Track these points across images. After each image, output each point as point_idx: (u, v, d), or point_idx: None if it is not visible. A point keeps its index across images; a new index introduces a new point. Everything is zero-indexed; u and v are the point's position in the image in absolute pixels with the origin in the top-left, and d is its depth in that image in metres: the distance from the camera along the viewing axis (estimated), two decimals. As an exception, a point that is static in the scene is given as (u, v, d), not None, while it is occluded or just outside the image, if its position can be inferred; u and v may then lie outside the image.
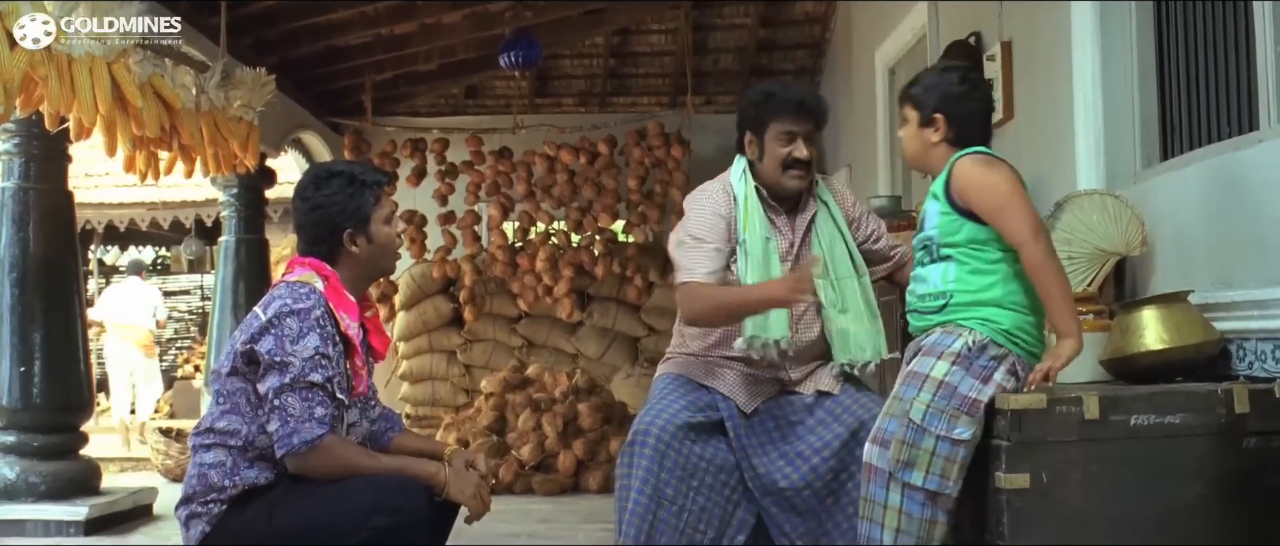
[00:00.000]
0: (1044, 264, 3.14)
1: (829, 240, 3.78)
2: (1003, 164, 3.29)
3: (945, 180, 3.32)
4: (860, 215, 3.96)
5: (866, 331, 3.73)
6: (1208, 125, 4.10)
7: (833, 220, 3.82)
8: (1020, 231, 3.16)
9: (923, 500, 3.17)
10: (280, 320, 3.05)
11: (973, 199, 3.24)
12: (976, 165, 3.26)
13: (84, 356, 6.49)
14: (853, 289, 3.76)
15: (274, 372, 3.03)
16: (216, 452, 3.12)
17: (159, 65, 5.86)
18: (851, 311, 3.74)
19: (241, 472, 3.11)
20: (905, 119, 3.50)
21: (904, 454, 3.17)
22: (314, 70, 9.76)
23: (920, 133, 3.44)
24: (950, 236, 3.30)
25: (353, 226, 3.24)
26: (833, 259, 3.75)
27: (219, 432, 3.13)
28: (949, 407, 3.18)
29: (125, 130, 5.55)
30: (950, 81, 3.42)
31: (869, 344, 3.72)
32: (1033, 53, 5.12)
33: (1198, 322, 3.58)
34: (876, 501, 3.21)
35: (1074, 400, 3.13)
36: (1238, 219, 3.65)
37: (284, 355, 3.02)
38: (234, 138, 6.55)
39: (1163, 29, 4.41)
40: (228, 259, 9.04)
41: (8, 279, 6.21)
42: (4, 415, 6.18)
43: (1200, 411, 3.15)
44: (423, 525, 3.09)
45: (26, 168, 6.27)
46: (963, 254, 3.29)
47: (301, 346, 3.03)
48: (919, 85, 3.48)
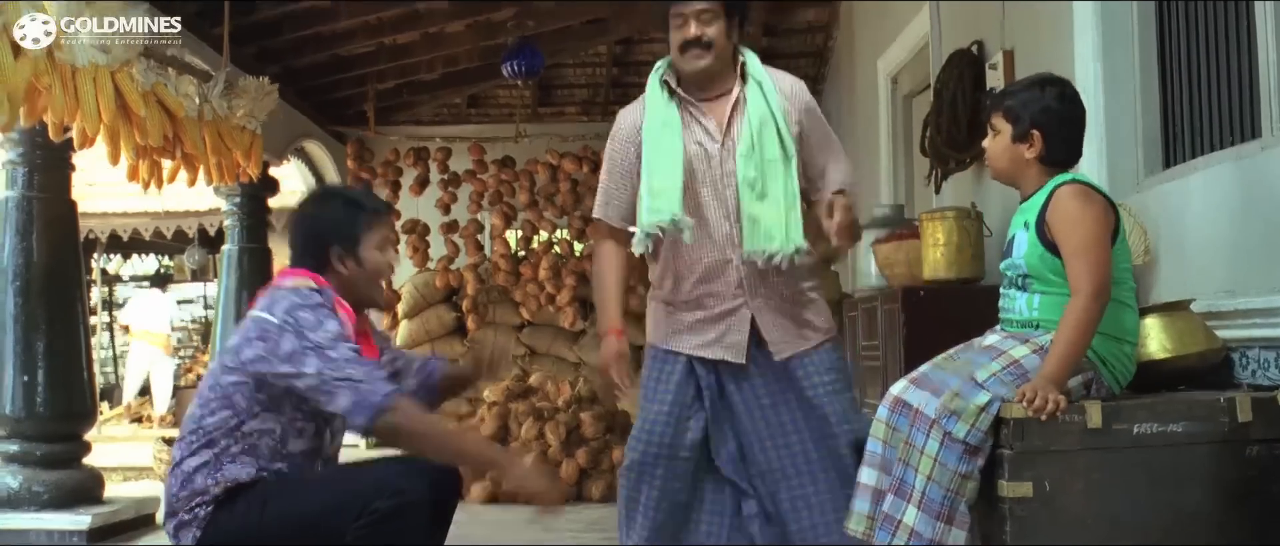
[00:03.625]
0: (1085, 322, 3.13)
1: (758, 119, 3.59)
2: (1099, 201, 3.26)
3: (1041, 209, 3.29)
4: (807, 126, 3.72)
5: (779, 221, 3.54)
6: (1210, 133, 4.10)
7: (765, 99, 3.62)
8: (1084, 283, 3.14)
9: (960, 452, 3.15)
10: (294, 316, 3.07)
11: (1058, 229, 3.22)
12: (1075, 199, 3.23)
13: (87, 365, 6.48)
14: (776, 172, 3.57)
15: (312, 358, 3.02)
16: (201, 454, 3.11)
17: (162, 74, 5.87)
18: (769, 198, 3.57)
19: (224, 468, 3.09)
20: (996, 130, 3.44)
21: (954, 403, 3.15)
22: (317, 79, 9.78)
23: (1013, 147, 3.39)
24: (1037, 268, 3.30)
25: (341, 246, 3.27)
26: (760, 138, 3.58)
27: (207, 430, 3.11)
28: (1012, 381, 3.19)
29: (128, 139, 5.55)
30: (1051, 96, 3.37)
31: (778, 234, 3.53)
32: (1035, 61, 5.11)
33: (1200, 331, 3.58)
34: (915, 446, 3.19)
35: (1077, 408, 3.13)
36: (1241, 227, 3.65)
37: (313, 342, 3.03)
38: (237, 147, 6.55)
39: (1165, 36, 4.41)
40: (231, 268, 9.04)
41: (11, 288, 6.20)
42: (7, 424, 6.17)
43: (1203, 420, 3.15)
44: (424, 509, 3.05)
45: (30, 177, 6.27)
46: (1049, 285, 3.29)
47: (325, 330, 3.05)
48: (1015, 98, 3.42)
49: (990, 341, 3.37)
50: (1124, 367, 3.32)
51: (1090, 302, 3.13)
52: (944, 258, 5.15)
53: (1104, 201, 3.27)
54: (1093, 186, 3.32)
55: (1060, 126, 3.35)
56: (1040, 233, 3.27)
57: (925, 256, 5.26)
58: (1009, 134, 3.39)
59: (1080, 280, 3.15)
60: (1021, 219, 3.39)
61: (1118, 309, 3.26)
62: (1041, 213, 3.28)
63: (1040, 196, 3.31)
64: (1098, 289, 3.13)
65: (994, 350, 3.30)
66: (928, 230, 5.23)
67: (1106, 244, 3.20)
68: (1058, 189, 3.27)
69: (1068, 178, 3.31)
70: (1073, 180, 3.30)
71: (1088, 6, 4.54)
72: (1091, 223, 3.19)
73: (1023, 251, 3.33)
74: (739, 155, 3.54)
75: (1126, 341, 3.31)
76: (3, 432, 6.21)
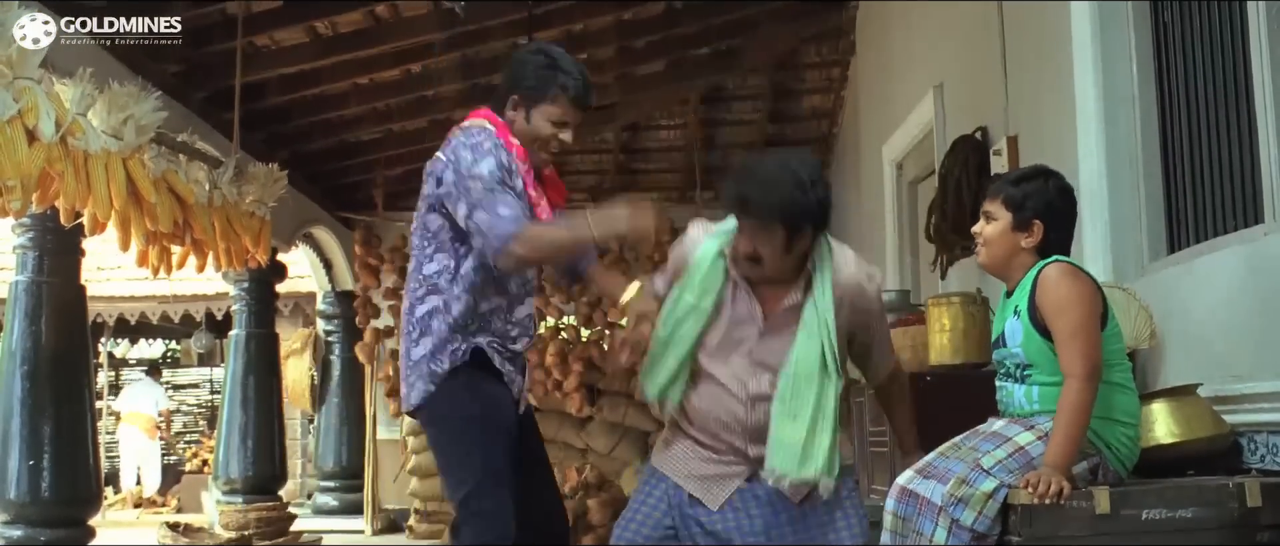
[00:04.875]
0: (1080, 406, 3.12)
1: (808, 343, 3.22)
2: (1087, 281, 3.26)
3: (1030, 293, 3.29)
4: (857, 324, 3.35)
5: (809, 444, 3.15)
6: (1213, 219, 4.12)
7: (822, 324, 3.22)
8: (1076, 366, 3.13)
9: (968, 540, 3.13)
10: (457, 155, 3.35)
11: (1048, 310, 3.22)
12: (1064, 277, 3.23)
13: (93, 450, 6.47)
14: (808, 395, 3.18)
15: (462, 200, 3.30)
16: (431, 299, 3.42)
17: (173, 160, 5.93)
18: (801, 418, 3.17)
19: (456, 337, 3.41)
20: (992, 215, 3.40)
21: (961, 491, 3.14)
22: (326, 165, 9.86)
23: (1012, 235, 3.37)
24: (1036, 357, 3.29)
25: (520, 95, 3.48)
26: (803, 362, 3.20)
27: (428, 278, 3.42)
28: (1018, 468, 3.18)
29: (139, 225, 5.59)
30: (1053, 189, 3.37)
31: (799, 456, 3.13)
32: (1039, 147, 5.15)
33: (1208, 416, 3.57)
34: (924, 535, 3.16)
35: (1085, 495, 3.11)
36: (1246, 312, 3.66)
37: (465, 180, 3.30)
38: (246, 232, 6.59)
39: (1167, 124, 4.44)
40: (238, 352, 9.05)
41: (19, 372, 6.21)
42: (12, 508, 6.15)
43: (1212, 505, 3.12)
44: None
45: (40, 261, 6.31)
46: (1047, 375, 3.28)
47: (480, 168, 3.30)
48: (1018, 187, 3.38)
49: (995, 428, 3.36)
50: (1128, 450, 3.31)
51: (1084, 385, 3.12)
52: (950, 343, 5.14)
53: (1091, 282, 3.28)
54: (1076, 265, 3.33)
55: (1061, 220, 3.37)
56: (1032, 318, 3.27)
57: (931, 342, 5.25)
58: (1009, 221, 3.37)
59: (1073, 364, 3.14)
60: (1010, 307, 3.39)
61: (1111, 390, 3.25)
62: (1031, 297, 3.29)
63: (1027, 280, 3.31)
64: (1089, 371, 3.13)
65: (999, 437, 3.29)
66: (933, 316, 5.23)
67: (1096, 326, 3.20)
68: (1044, 269, 3.27)
69: (1052, 260, 3.31)
70: (1057, 261, 3.30)
71: (1091, 93, 4.58)
72: (1081, 304, 3.19)
73: (1019, 340, 3.32)
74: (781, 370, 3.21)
75: (1126, 423, 3.30)
76: (7, 517, 6.18)
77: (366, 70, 8.48)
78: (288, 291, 12.03)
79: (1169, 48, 4.41)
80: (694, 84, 10.30)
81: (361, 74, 8.52)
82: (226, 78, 7.18)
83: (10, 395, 6.21)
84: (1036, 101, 5.22)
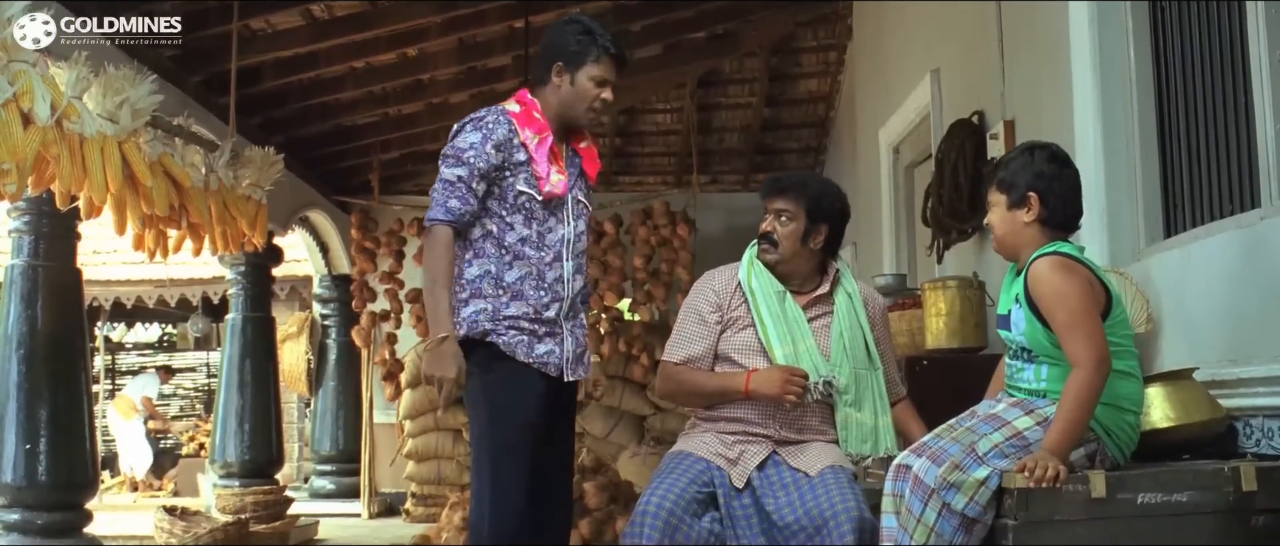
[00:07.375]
0: (1087, 396, 3.13)
1: (851, 328, 3.83)
2: (1078, 272, 3.25)
3: (1023, 284, 3.30)
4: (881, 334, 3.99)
5: (876, 426, 3.80)
6: (1210, 202, 4.12)
7: (855, 312, 3.88)
8: (1083, 356, 3.14)
9: (957, 524, 3.14)
10: (461, 129, 3.69)
11: (1043, 305, 3.23)
12: (1052, 272, 3.23)
13: (90, 434, 6.47)
14: (868, 383, 3.83)
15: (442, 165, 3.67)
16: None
17: (169, 144, 5.92)
18: (865, 406, 3.80)
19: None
20: (993, 204, 3.46)
21: (954, 476, 3.14)
22: (322, 149, 9.85)
23: (1011, 215, 3.41)
24: (1040, 345, 3.30)
25: (563, 62, 3.75)
26: (852, 347, 3.81)
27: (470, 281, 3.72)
28: (1015, 452, 3.19)
29: (135, 209, 5.59)
30: (1041, 160, 3.40)
31: (872, 437, 3.79)
32: (1036, 131, 5.14)
33: (1204, 400, 3.57)
34: (913, 513, 3.19)
35: (1081, 478, 3.11)
36: (1242, 296, 3.66)
37: (448, 151, 3.66)
38: (242, 216, 6.59)
39: (1164, 107, 4.44)
40: (234, 336, 9.06)
41: (15, 356, 6.21)
42: (8, 493, 6.16)
43: (1207, 489, 3.13)
44: None
45: (36, 245, 6.30)
46: (1054, 358, 3.29)
47: (460, 141, 3.65)
48: (1006, 168, 3.44)
49: (996, 410, 3.36)
50: (1128, 437, 3.31)
51: (1092, 376, 3.12)
52: (947, 327, 5.15)
53: (1082, 272, 3.27)
54: (1071, 256, 3.32)
55: (1054, 186, 3.37)
56: (1031, 309, 3.28)
57: (928, 326, 5.26)
58: (1004, 204, 3.41)
59: (1079, 354, 3.14)
60: (1011, 292, 3.40)
61: (1117, 378, 3.25)
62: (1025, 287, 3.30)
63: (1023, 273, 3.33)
64: (1098, 360, 3.13)
65: (997, 420, 3.29)
66: (930, 300, 5.24)
67: (1093, 315, 3.19)
68: (1033, 263, 3.28)
69: (1048, 250, 3.31)
70: (1052, 252, 3.30)
71: (1087, 77, 4.57)
72: (1074, 294, 3.19)
73: (1022, 329, 3.33)
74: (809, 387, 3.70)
75: (1129, 411, 3.31)
76: (4, 501, 6.19)
77: (362, 54, 8.45)
78: (284, 275, 12.05)
79: (1166, 32, 4.40)
80: (690, 68, 10.29)
81: (357, 58, 8.50)
82: (222, 61, 7.17)
83: (6, 379, 6.21)
84: (1033, 85, 5.21)
